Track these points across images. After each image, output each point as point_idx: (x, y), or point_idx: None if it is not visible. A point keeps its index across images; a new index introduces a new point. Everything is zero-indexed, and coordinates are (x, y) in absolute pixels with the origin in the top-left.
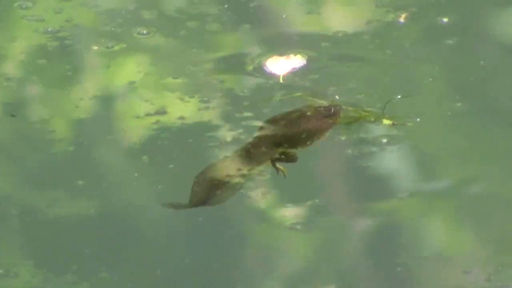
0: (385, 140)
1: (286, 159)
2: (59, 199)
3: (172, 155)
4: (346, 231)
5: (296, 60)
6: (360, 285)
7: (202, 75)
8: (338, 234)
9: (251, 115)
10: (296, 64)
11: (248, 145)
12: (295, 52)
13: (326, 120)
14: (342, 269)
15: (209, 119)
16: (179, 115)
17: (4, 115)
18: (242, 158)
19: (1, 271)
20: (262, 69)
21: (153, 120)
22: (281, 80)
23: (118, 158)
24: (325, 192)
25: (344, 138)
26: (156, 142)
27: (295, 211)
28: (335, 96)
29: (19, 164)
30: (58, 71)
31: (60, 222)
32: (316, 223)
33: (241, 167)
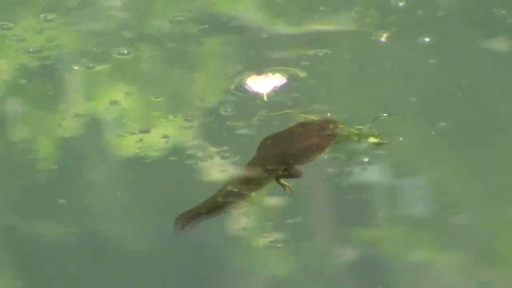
0: (366, 159)
1: (290, 175)
2: (41, 217)
3: (156, 174)
4: (327, 251)
5: (277, 79)
6: None
7: (184, 94)
8: (318, 254)
9: (234, 133)
10: (276, 82)
11: (250, 163)
12: (275, 71)
13: (326, 136)
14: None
15: (192, 138)
16: (162, 134)
17: None
18: (246, 177)
19: None
20: (243, 88)
21: (136, 139)
22: (265, 98)
23: (102, 176)
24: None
25: (326, 156)
26: (140, 160)
27: (276, 229)
28: (327, 114)
29: (1, 185)
30: (40, 91)
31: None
32: (296, 242)
33: (246, 186)
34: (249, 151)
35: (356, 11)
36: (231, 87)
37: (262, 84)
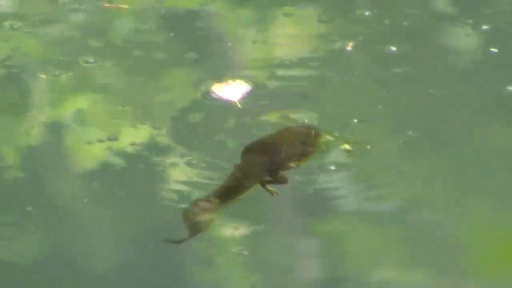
0: (333, 168)
1: (276, 181)
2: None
3: (123, 181)
4: (292, 258)
5: (243, 86)
6: None
7: (151, 102)
8: (283, 261)
9: (203, 140)
10: (243, 90)
11: (235, 170)
12: (241, 79)
13: (311, 142)
14: None
15: (161, 145)
16: (131, 141)
17: None
18: (231, 184)
19: None
20: (210, 95)
21: (104, 146)
22: (239, 105)
23: (69, 184)
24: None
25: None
26: (108, 168)
27: (241, 237)
28: (304, 120)
29: None
30: (6, 99)
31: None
32: (262, 249)
33: (231, 193)
34: (218, 158)
35: (321, 19)
36: (198, 95)
37: (228, 91)
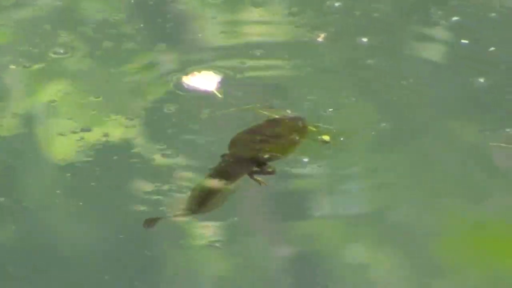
0: (306, 159)
1: (263, 172)
2: None
3: (97, 172)
4: (266, 250)
5: (213, 77)
6: None
7: (123, 94)
8: (257, 253)
9: (176, 131)
10: (213, 80)
11: (223, 162)
12: (212, 69)
13: (297, 132)
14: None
15: (135, 136)
16: (103, 132)
17: None
18: (219, 175)
19: None
20: (182, 86)
21: (77, 138)
22: (219, 95)
23: (42, 175)
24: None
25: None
26: (81, 159)
27: (214, 229)
28: (287, 110)
29: None
30: None
31: None
32: (235, 242)
33: (220, 183)
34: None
35: (292, 11)
36: (170, 85)
37: (199, 81)
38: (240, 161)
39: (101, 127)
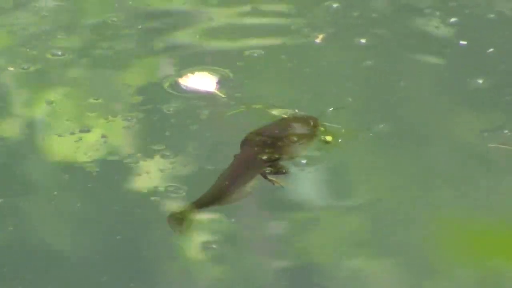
0: (304, 161)
1: (277, 172)
2: None
3: (96, 173)
4: (261, 250)
5: (210, 78)
6: None
7: (121, 95)
8: (252, 256)
9: (175, 132)
10: (212, 81)
11: (235, 162)
12: (209, 71)
13: (310, 132)
14: None
15: (133, 137)
16: (102, 133)
17: None
18: (232, 175)
19: None
20: (181, 87)
21: (75, 139)
22: (222, 95)
23: (39, 176)
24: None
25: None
26: (79, 160)
27: (211, 230)
28: (295, 110)
29: None
30: None
31: None
32: (231, 244)
33: (233, 185)
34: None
35: (290, 12)
36: (168, 86)
37: (196, 82)
38: (252, 161)
39: (99, 128)
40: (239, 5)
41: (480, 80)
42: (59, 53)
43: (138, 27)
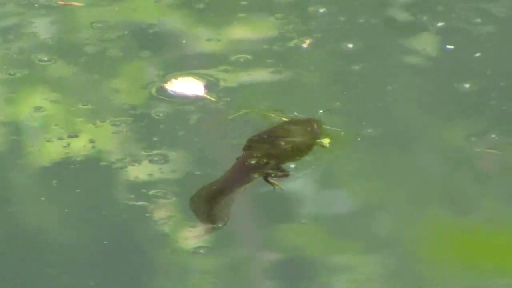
0: (292, 166)
1: (278, 175)
2: None
3: (83, 179)
4: (250, 255)
5: (196, 82)
6: None
7: (108, 100)
8: (242, 258)
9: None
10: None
11: (237, 164)
12: (196, 76)
13: (313, 134)
14: None
15: (121, 143)
16: (90, 138)
17: None
18: (233, 177)
19: None
20: (168, 92)
21: (64, 144)
22: (213, 99)
23: (27, 182)
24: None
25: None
26: (67, 166)
27: (199, 234)
28: (294, 112)
29: None
30: None
31: None
32: (220, 247)
33: (233, 186)
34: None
35: (276, 17)
36: (155, 92)
37: (184, 87)
38: (255, 163)
39: (87, 133)
40: (226, 10)
41: (467, 85)
42: (45, 58)
43: (124, 32)
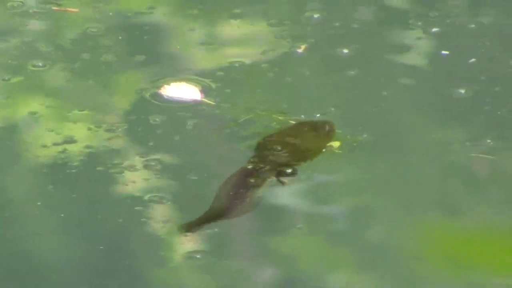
0: (289, 170)
1: (288, 174)
2: None
3: (80, 184)
4: (245, 263)
5: (192, 87)
6: None
7: (104, 105)
8: (237, 266)
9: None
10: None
11: (250, 164)
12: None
13: (324, 136)
14: None
15: (117, 148)
16: (86, 143)
17: None
18: (246, 177)
19: None
20: (163, 97)
21: (60, 149)
22: (211, 103)
23: (23, 187)
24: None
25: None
26: (63, 171)
27: (195, 240)
28: (301, 116)
29: None
30: None
31: None
32: (215, 254)
33: (246, 185)
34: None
35: (271, 23)
36: (149, 97)
37: (179, 92)
38: (267, 164)
39: (83, 139)
40: (220, 15)
41: (462, 90)
42: (40, 64)
43: (118, 37)
